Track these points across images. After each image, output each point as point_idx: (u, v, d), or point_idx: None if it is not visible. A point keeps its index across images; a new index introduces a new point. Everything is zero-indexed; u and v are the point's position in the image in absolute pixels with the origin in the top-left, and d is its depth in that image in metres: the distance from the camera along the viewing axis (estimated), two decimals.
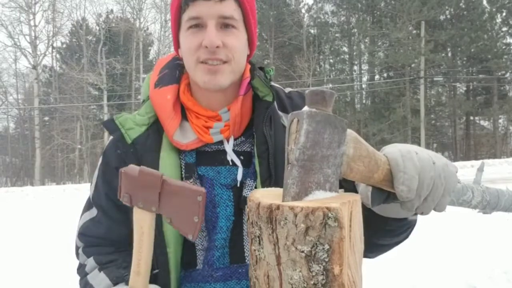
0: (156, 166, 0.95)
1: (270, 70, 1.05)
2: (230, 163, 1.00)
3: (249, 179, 0.99)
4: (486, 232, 5.90)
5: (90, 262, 1.05)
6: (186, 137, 0.99)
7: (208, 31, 0.92)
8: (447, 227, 6.32)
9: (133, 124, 1.02)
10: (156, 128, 1.01)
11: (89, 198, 1.11)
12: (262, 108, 1.00)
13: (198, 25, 0.94)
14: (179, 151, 1.00)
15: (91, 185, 1.10)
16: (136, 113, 1.06)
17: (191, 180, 0.98)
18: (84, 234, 1.09)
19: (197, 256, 0.99)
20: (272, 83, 1.07)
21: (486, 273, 4.32)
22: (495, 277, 4.25)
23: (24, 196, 17.18)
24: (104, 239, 1.06)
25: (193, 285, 0.99)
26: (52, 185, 27.46)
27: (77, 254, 1.11)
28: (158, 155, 0.98)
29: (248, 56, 1.03)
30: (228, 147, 1.00)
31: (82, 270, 1.07)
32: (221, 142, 1.00)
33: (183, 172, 0.99)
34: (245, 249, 0.98)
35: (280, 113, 1.03)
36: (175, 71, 1.06)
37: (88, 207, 1.11)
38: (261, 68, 1.06)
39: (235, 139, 1.01)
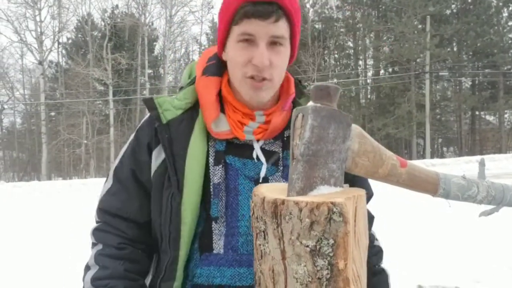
0: (185, 149, 1.03)
1: (307, 85, 1.16)
2: (256, 160, 1.07)
3: (279, 177, 1.06)
4: (492, 228, 5.88)
5: (92, 256, 1.10)
6: (219, 126, 1.05)
7: (260, 51, 0.98)
8: (453, 223, 6.30)
9: (171, 106, 1.08)
10: (190, 115, 1.07)
11: (109, 172, 1.17)
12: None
13: (249, 40, 0.99)
14: (208, 139, 1.07)
15: (116, 158, 1.17)
16: (175, 97, 1.11)
17: (220, 166, 1.04)
18: (101, 208, 1.13)
19: (213, 241, 1.04)
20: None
21: (492, 269, 4.31)
22: (501, 273, 4.24)
23: (31, 191, 17.28)
24: (116, 216, 1.11)
25: (213, 269, 1.04)
26: (59, 180, 27.62)
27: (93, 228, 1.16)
28: (188, 140, 1.04)
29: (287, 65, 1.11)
30: (256, 145, 1.07)
31: (89, 255, 1.12)
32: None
33: (210, 159, 1.06)
34: None
35: None
36: (220, 64, 1.12)
37: (107, 179, 1.17)
38: (299, 81, 1.16)
39: (266, 140, 1.08)
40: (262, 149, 1.07)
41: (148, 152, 1.08)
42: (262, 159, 1.06)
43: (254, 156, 1.06)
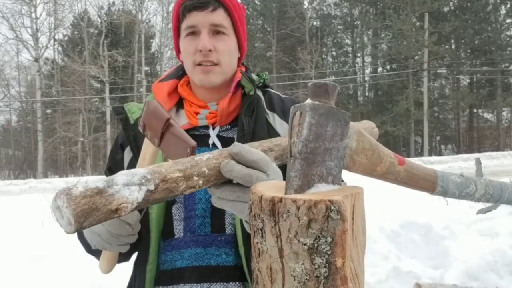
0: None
1: (263, 75, 1.25)
2: (211, 146, 1.15)
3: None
4: (489, 224, 5.90)
5: None
6: (180, 121, 1.16)
7: (202, 37, 1.11)
8: (451, 220, 6.32)
9: (137, 109, 1.21)
10: None
11: None
12: (245, 101, 1.17)
13: (194, 32, 1.13)
14: None
15: None
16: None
17: None
18: None
19: (174, 226, 1.11)
20: (269, 89, 1.25)
21: (488, 265, 4.33)
22: (497, 269, 4.26)
23: (27, 188, 17.24)
24: None
25: (175, 253, 1.10)
26: (55, 177, 27.57)
27: None
28: None
29: (240, 58, 1.23)
30: (212, 132, 1.16)
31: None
32: (207, 128, 1.17)
33: None
34: (225, 221, 1.10)
35: (267, 110, 1.19)
36: (179, 71, 1.26)
37: None
38: (258, 75, 1.26)
39: (222, 127, 1.17)
40: (220, 136, 1.16)
41: (121, 151, 1.21)
42: (218, 144, 1.14)
43: (210, 142, 1.14)
